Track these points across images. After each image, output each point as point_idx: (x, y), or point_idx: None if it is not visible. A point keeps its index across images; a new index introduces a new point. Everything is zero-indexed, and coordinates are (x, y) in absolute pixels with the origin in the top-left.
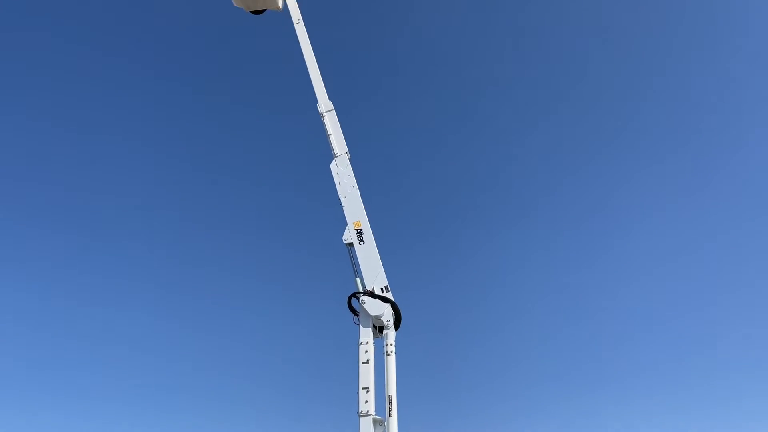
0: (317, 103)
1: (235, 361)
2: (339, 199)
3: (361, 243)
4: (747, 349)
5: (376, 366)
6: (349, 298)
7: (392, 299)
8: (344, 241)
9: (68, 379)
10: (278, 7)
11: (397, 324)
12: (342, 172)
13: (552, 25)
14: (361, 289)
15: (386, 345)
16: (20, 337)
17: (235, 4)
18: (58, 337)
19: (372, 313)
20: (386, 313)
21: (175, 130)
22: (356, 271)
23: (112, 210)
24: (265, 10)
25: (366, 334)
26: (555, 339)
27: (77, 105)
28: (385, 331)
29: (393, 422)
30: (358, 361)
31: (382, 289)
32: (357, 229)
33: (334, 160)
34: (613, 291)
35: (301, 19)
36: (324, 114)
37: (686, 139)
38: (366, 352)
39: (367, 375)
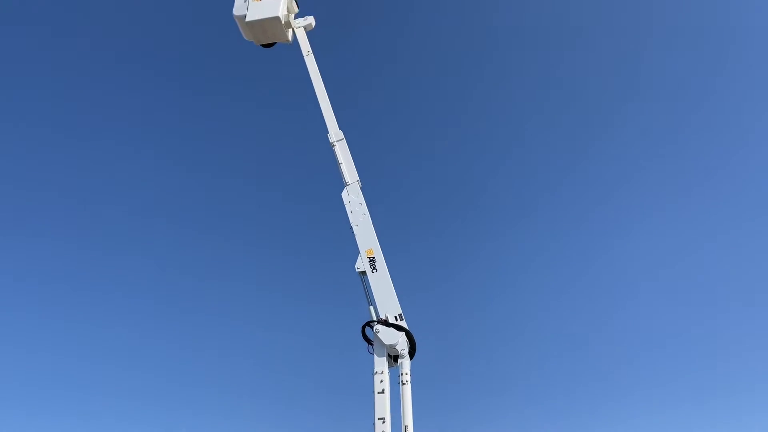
0: (327, 133)
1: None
2: (351, 227)
3: (374, 271)
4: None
5: (391, 395)
6: (363, 327)
7: (406, 327)
8: (357, 270)
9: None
10: (288, 40)
11: (412, 352)
12: (353, 201)
13: (554, 23)
14: (374, 318)
15: (401, 374)
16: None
17: (246, 38)
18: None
19: (386, 342)
20: (401, 342)
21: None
22: (369, 300)
23: (125, 215)
24: (275, 43)
25: (381, 364)
26: (572, 351)
27: (77, 107)
28: (400, 360)
29: None
30: (373, 391)
31: (396, 317)
32: (369, 257)
33: (345, 189)
34: (617, 290)
35: (311, 51)
36: (335, 143)
37: (686, 138)
38: (381, 381)
39: (383, 405)
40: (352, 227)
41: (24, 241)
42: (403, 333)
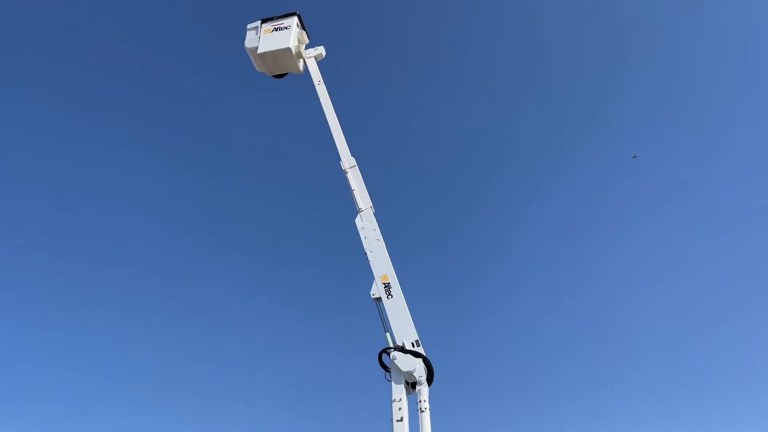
0: (340, 160)
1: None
2: (365, 254)
3: (390, 297)
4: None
5: (410, 423)
6: (380, 354)
7: (424, 354)
8: (372, 296)
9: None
10: (299, 70)
11: (429, 379)
12: (367, 227)
13: (553, 25)
14: (391, 345)
15: (420, 401)
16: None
17: (258, 69)
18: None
19: (404, 369)
20: (418, 369)
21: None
22: (386, 326)
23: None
24: (287, 73)
25: (399, 391)
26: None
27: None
28: (417, 387)
29: None
30: (391, 419)
31: (412, 343)
32: (385, 283)
33: (359, 215)
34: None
35: (322, 80)
36: (347, 170)
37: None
38: (399, 409)
39: None
40: (366, 253)
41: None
42: (421, 359)
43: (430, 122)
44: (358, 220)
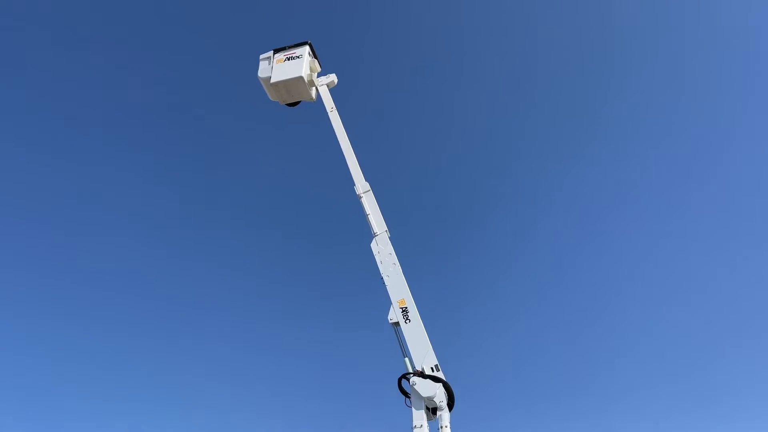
0: (354, 185)
1: None
2: (381, 278)
3: (407, 322)
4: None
5: None
6: (400, 380)
7: (444, 379)
8: (390, 321)
9: None
10: (312, 99)
11: (450, 404)
12: (383, 251)
13: (555, 28)
14: (410, 370)
15: (441, 427)
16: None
17: (271, 99)
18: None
19: (424, 394)
20: (438, 394)
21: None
22: (404, 351)
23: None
24: (299, 101)
25: (419, 417)
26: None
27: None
28: (438, 413)
29: None
30: None
31: (432, 368)
32: (402, 308)
33: (374, 239)
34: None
35: (335, 107)
36: (362, 195)
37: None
38: None
39: None
40: (382, 278)
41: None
42: (441, 384)
43: (438, 142)
44: (373, 245)
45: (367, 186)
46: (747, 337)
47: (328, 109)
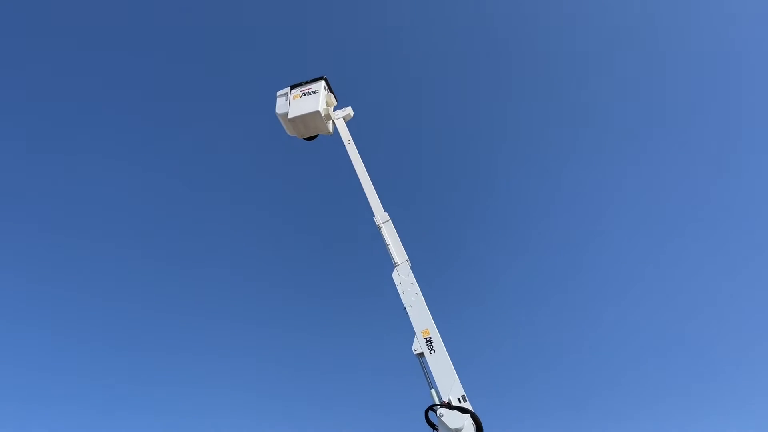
0: (373, 216)
1: None
2: (404, 309)
3: (432, 352)
4: None
5: None
6: (426, 412)
7: (471, 409)
8: (414, 352)
9: None
10: (329, 132)
11: None
12: (404, 281)
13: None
14: (437, 401)
15: None
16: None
17: (289, 134)
18: None
19: (452, 426)
20: (466, 426)
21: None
22: (430, 383)
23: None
24: (317, 135)
25: None
26: None
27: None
28: None
29: None
30: None
31: (459, 399)
32: (426, 338)
33: (395, 270)
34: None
35: (351, 140)
36: (381, 225)
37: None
38: None
39: None
40: (405, 308)
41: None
42: (469, 415)
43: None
44: (395, 275)
45: (387, 216)
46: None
47: (345, 142)
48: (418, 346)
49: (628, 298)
